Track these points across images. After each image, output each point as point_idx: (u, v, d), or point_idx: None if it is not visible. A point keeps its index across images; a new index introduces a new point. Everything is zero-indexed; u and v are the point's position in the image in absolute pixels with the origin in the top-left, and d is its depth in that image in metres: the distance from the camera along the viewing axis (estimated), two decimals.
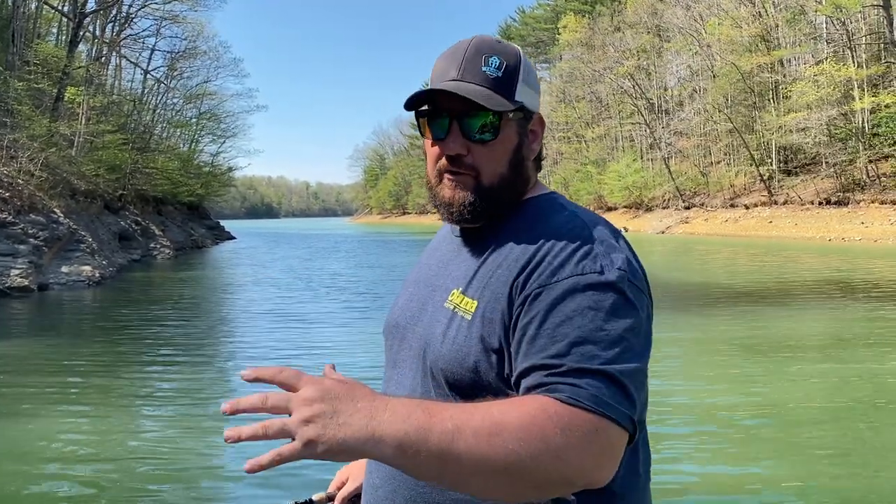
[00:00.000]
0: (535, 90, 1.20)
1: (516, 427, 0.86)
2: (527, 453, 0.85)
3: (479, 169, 1.14)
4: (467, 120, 1.12)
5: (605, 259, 1.03)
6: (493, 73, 1.13)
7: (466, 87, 1.11)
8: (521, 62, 1.16)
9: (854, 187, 39.80)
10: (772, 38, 49.68)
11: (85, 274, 18.67)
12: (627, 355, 0.95)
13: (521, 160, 1.17)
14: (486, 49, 1.15)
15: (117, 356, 9.22)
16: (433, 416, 0.86)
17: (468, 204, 1.14)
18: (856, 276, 17.92)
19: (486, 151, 1.14)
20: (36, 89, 29.42)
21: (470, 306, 1.09)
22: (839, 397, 6.59)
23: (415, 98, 1.15)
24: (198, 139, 64.97)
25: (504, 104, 1.12)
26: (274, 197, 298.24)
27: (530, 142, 1.19)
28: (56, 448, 5.45)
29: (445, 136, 1.14)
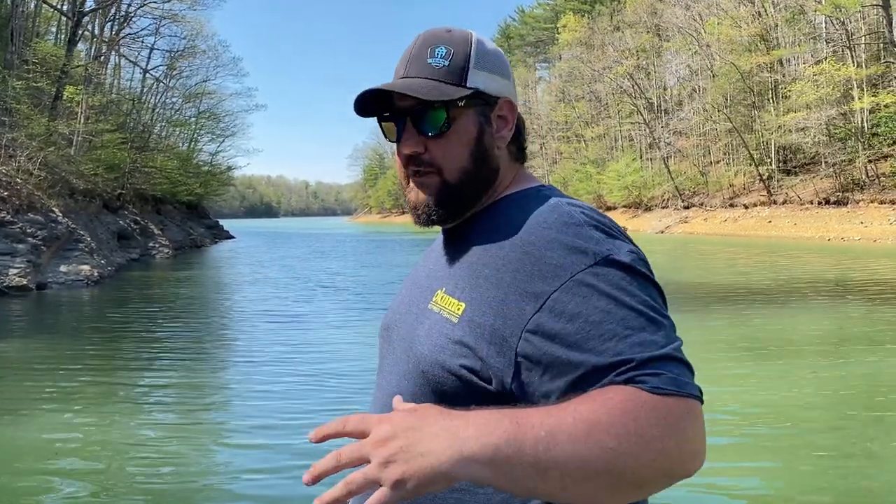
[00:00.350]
0: (499, 73, 1.13)
1: (609, 423, 0.81)
2: (627, 450, 0.80)
3: (438, 165, 1.09)
4: (417, 116, 1.08)
5: (609, 243, 0.97)
6: (438, 64, 1.08)
7: (406, 82, 1.07)
8: (473, 46, 1.11)
9: (853, 187, 39.80)
10: (771, 37, 49.70)
11: (83, 273, 18.64)
12: (672, 332, 0.93)
13: (484, 150, 1.11)
14: (433, 40, 1.10)
15: (115, 356, 9.21)
16: (521, 424, 0.81)
17: (431, 205, 1.10)
18: (855, 275, 17.91)
19: (442, 145, 1.08)
20: (35, 88, 29.39)
21: (456, 308, 1.03)
22: (839, 397, 6.57)
23: (362, 101, 1.11)
24: (197, 138, 64.97)
25: (451, 92, 1.06)
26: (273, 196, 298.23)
27: (497, 129, 1.13)
28: (54, 448, 5.43)
29: (401, 137, 1.10)
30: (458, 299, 1.03)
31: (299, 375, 7.75)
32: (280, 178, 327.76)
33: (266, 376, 7.87)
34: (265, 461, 5.13)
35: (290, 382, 7.48)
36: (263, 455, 5.25)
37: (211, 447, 5.54)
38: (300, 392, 7.04)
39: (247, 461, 5.16)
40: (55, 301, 15.46)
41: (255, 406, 6.65)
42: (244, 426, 6.04)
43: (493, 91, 1.11)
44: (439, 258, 1.17)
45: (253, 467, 5.01)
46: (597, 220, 1.01)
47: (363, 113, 1.13)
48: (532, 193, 1.11)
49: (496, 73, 1.12)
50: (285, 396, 6.88)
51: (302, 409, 6.41)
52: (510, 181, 1.15)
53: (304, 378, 7.63)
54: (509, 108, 1.14)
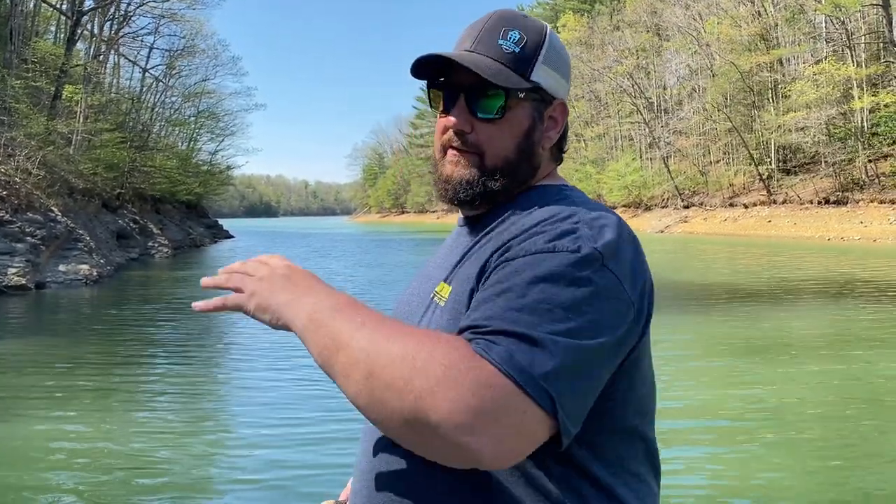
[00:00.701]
0: (561, 73, 1.12)
1: (412, 342, 0.84)
2: (402, 368, 0.81)
3: (482, 148, 1.07)
4: (474, 95, 1.06)
5: (587, 241, 0.92)
6: (509, 48, 1.06)
7: (474, 58, 1.05)
8: (546, 40, 1.09)
9: (853, 187, 39.79)
10: (771, 37, 49.69)
11: (82, 273, 18.61)
12: (572, 330, 0.85)
13: (531, 145, 1.09)
14: (509, 22, 1.08)
15: (114, 356, 9.18)
16: (354, 307, 0.91)
17: (465, 182, 1.07)
18: (855, 275, 17.89)
19: (491, 130, 1.07)
20: (34, 87, 29.34)
21: (445, 292, 1.04)
22: (839, 397, 6.56)
23: (421, 63, 1.08)
24: (196, 138, 64.94)
25: (515, 81, 1.05)
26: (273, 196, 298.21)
27: (547, 128, 1.11)
28: (52, 448, 5.41)
29: (451, 110, 1.08)
30: (449, 283, 1.05)
31: (298, 376, 7.72)
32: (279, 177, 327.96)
33: (265, 375, 7.84)
34: (263, 459, 5.11)
35: (290, 382, 7.45)
36: (262, 453, 5.23)
37: (209, 447, 5.51)
38: (299, 392, 7.01)
39: (245, 460, 5.13)
40: (54, 301, 15.43)
41: (254, 406, 6.63)
42: (243, 425, 6.02)
43: (552, 90, 1.10)
44: (452, 248, 1.16)
45: (251, 466, 4.98)
46: (597, 220, 0.97)
47: (419, 75, 1.10)
48: (553, 190, 1.10)
49: (559, 73, 1.11)
50: (284, 396, 6.86)
51: (301, 410, 6.38)
52: (542, 178, 1.14)
53: (303, 378, 7.60)
54: (562, 110, 1.13)
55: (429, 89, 1.12)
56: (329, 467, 4.92)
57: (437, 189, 1.12)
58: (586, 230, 0.94)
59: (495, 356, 0.81)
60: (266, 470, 4.92)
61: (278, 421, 6.06)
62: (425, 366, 0.80)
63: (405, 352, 0.82)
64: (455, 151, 1.09)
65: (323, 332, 0.89)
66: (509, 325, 0.84)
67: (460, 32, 1.13)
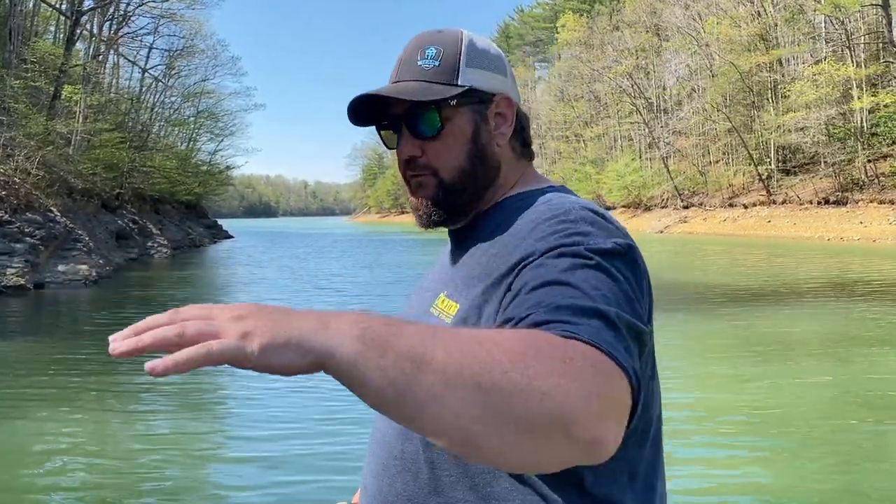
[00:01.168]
0: (494, 70, 1.11)
1: (506, 340, 0.70)
2: (519, 369, 0.66)
3: (434, 167, 1.08)
4: (410, 120, 1.07)
5: (600, 236, 0.91)
6: (429, 65, 1.07)
7: (396, 86, 1.06)
8: (463, 44, 1.09)
9: (853, 187, 39.79)
10: (770, 37, 49.67)
11: (81, 273, 18.58)
12: (625, 309, 0.82)
13: (481, 148, 1.09)
14: (424, 42, 1.09)
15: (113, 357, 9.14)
16: (398, 320, 0.69)
17: (430, 206, 1.09)
18: (855, 276, 17.88)
19: (437, 147, 1.07)
20: (33, 87, 29.32)
21: (451, 309, 1.02)
22: (840, 399, 6.54)
23: (354, 113, 1.10)
24: (195, 138, 64.91)
25: (441, 92, 1.05)
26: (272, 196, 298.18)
27: (496, 126, 1.10)
28: (49, 449, 5.40)
29: (399, 142, 1.09)
30: (454, 300, 1.03)
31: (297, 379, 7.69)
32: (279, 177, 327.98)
33: (264, 378, 7.81)
34: (265, 463, 5.08)
35: (288, 386, 7.42)
36: (263, 455, 5.20)
37: (208, 450, 5.49)
38: (297, 396, 6.99)
39: (246, 463, 5.11)
40: (53, 301, 15.41)
41: (256, 408, 6.61)
42: (244, 428, 6.00)
43: (488, 88, 1.09)
44: (446, 261, 1.16)
45: (252, 470, 4.96)
46: (593, 216, 0.97)
47: (359, 122, 1.11)
48: (536, 194, 1.08)
49: (491, 70, 1.10)
50: (282, 400, 6.84)
51: (299, 414, 6.36)
52: (516, 180, 1.13)
53: (302, 383, 7.57)
54: (507, 104, 1.11)
55: (378, 132, 1.13)
56: (335, 472, 4.90)
57: (415, 219, 1.13)
58: (590, 227, 0.93)
59: (587, 336, 0.74)
60: (268, 475, 4.89)
61: (281, 423, 6.04)
62: (540, 360, 0.68)
63: (510, 349, 0.68)
64: (414, 181, 1.10)
65: (392, 353, 0.65)
66: (578, 301, 0.79)
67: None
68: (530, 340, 0.71)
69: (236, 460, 5.20)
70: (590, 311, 0.78)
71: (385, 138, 1.13)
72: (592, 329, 0.76)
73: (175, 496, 4.53)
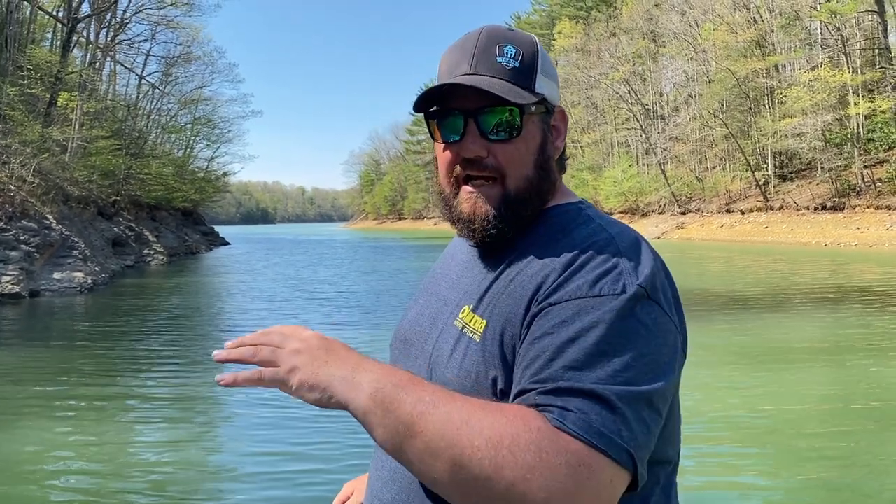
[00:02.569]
0: (555, 81, 1.10)
1: (489, 425, 0.79)
2: (490, 457, 0.77)
3: (503, 171, 1.02)
4: (484, 117, 1.00)
5: (629, 277, 0.91)
6: (509, 64, 1.02)
7: (483, 80, 1.00)
8: (539, 51, 1.06)
9: (849, 192, 39.85)
10: (767, 43, 49.82)
11: (77, 280, 18.51)
12: (632, 378, 0.83)
13: (547, 159, 1.05)
14: (500, 38, 1.04)
15: (109, 364, 9.08)
16: (416, 383, 0.84)
17: (492, 218, 1.01)
18: (852, 282, 17.86)
19: (508, 151, 1.01)
20: (29, 94, 29.27)
21: (479, 326, 0.98)
22: (838, 405, 6.51)
23: (425, 96, 1.03)
24: (192, 144, 64.90)
25: (525, 97, 1.01)
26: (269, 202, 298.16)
27: (554, 138, 1.08)
28: (46, 457, 5.34)
29: (461, 138, 1.02)
30: (482, 316, 0.98)
31: None
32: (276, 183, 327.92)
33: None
34: (259, 470, 5.03)
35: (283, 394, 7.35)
36: (261, 460, 5.15)
37: (204, 457, 5.43)
38: (294, 403, 6.92)
39: (240, 472, 5.05)
40: (48, 309, 15.32)
41: (253, 415, 6.54)
42: (241, 435, 5.94)
43: (553, 99, 1.08)
44: (467, 269, 1.09)
45: (246, 477, 4.90)
46: (628, 250, 0.96)
47: (421, 108, 1.05)
48: (573, 211, 1.06)
49: (553, 81, 1.09)
50: (279, 407, 6.77)
51: (296, 420, 6.30)
52: (555, 192, 1.10)
53: None
54: (562, 117, 1.10)
55: (428, 120, 1.06)
56: (334, 474, 4.83)
57: (460, 228, 1.05)
58: (626, 263, 0.93)
59: (573, 427, 0.79)
60: (266, 481, 4.84)
61: (279, 430, 5.97)
62: (513, 452, 0.77)
63: (490, 436, 0.78)
64: (471, 187, 1.03)
65: (392, 416, 0.82)
66: (575, 383, 0.82)
67: (443, 55, 1.07)
68: (515, 427, 0.78)
69: (231, 466, 5.14)
70: (587, 393, 0.81)
71: (432, 128, 1.06)
72: (582, 418, 0.79)
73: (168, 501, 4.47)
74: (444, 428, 0.79)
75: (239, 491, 4.71)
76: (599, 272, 0.91)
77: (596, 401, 0.80)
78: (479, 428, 0.79)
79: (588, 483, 0.77)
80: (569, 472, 0.76)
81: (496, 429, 0.78)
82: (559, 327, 0.87)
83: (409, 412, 0.81)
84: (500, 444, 0.77)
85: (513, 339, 0.94)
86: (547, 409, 0.81)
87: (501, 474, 0.76)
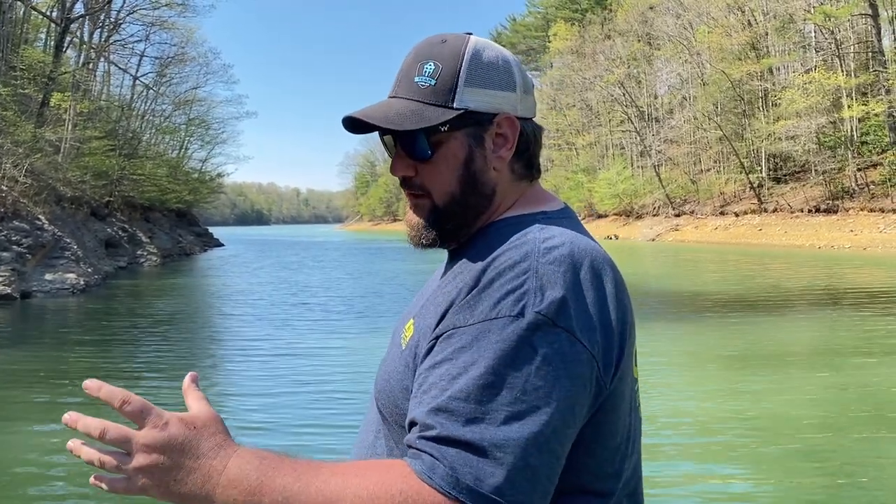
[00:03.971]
0: (498, 87, 1.02)
1: (359, 488, 0.80)
2: None
3: (427, 189, 1.03)
4: (406, 140, 1.01)
5: (533, 297, 0.86)
6: (424, 83, 1.00)
7: (384, 109, 1.00)
8: (464, 60, 1.00)
9: (843, 195, 39.99)
10: (761, 46, 49.99)
11: (69, 281, 18.41)
12: (519, 414, 0.80)
13: (472, 174, 1.02)
14: (423, 55, 1.02)
15: (100, 366, 9.01)
16: (266, 483, 0.83)
17: (422, 227, 1.05)
18: (846, 284, 17.89)
19: (430, 169, 1.02)
20: (22, 94, 29.14)
21: (408, 335, 1.01)
22: (831, 409, 6.50)
23: (350, 126, 1.04)
24: (186, 145, 64.73)
25: (433, 117, 0.98)
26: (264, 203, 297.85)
27: (495, 148, 1.03)
28: (38, 460, 5.29)
29: (392, 159, 1.05)
30: (414, 327, 1.01)
31: (286, 390, 7.60)
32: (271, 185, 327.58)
33: (252, 388, 7.71)
34: None
35: (277, 395, 7.32)
36: None
37: None
38: (287, 406, 6.89)
39: None
40: (40, 310, 15.23)
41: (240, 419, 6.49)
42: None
43: (489, 108, 1.01)
44: (432, 282, 1.13)
45: None
46: (550, 268, 0.88)
47: (356, 130, 1.05)
48: (523, 223, 0.99)
49: (494, 88, 1.02)
50: (275, 406, 6.73)
51: (289, 423, 6.26)
52: (514, 201, 1.06)
53: (291, 392, 7.47)
54: (509, 124, 1.03)
55: (381, 137, 1.07)
56: None
57: (407, 235, 1.09)
58: (533, 282, 0.87)
59: (440, 481, 0.79)
60: None
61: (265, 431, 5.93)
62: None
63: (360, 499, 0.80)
64: (412, 198, 1.06)
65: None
66: (451, 432, 0.80)
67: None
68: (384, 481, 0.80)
69: None
70: (463, 443, 0.79)
71: (387, 144, 1.07)
72: (451, 473, 0.78)
73: None
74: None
75: None
76: (504, 291, 0.87)
77: (472, 451, 0.79)
78: (352, 494, 0.80)
79: None
80: None
81: (367, 489, 0.80)
82: (454, 354, 0.86)
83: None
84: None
85: (422, 353, 0.94)
86: (420, 459, 0.81)
87: None
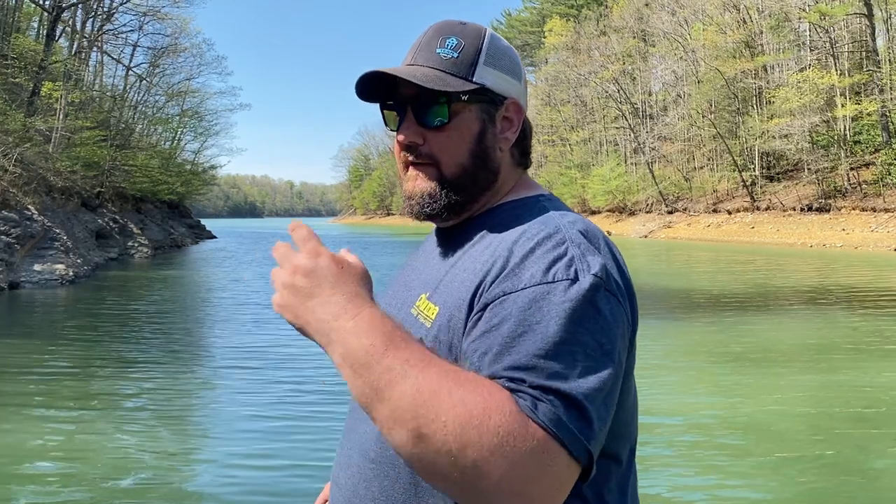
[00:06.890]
0: (510, 73, 1.10)
1: (459, 402, 0.79)
2: (455, 434, 0.78)
3: (436, 158, 1.06)
4: (420, 106, 1.05)
5: (581, 263, 0.91)
6: (447, 55, 1.05)
7: (410, 69, 1.05)
8: (485, 41, 1.08)
9: (835, 194, 40.12)
10: (756, 44, 50.03)
11: (58, 272, 18.27)
12: (592, 368, 0.85)
13: (484, 149, 1.07)
14: (446, 31, 1.08)
15: (90, 357, 8.94)
16: (390, 348, 0.83)
17: (427, 196, 1.07)
18: (837, 283, 17.93)
19: (441, 138, 1.06)
20: (12, 83, 28.89)
21: (431, 312, 1.02)
22: (821, 408, 6.48)
23: (363, 83, 1.07)
24: (180, 137, 64.39)
25: (455, 84, 1.03)
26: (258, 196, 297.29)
27: (501, 130, 1.09)
28: (28, 453, 5.24)
29: (400, 125, 1.08)
30: (435, 303, 1.02)
31: (278, 378, 7.56)
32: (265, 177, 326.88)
33: (244, 378, 7.67)
34: (244, 462, 4.97)
35: (269, 384, 7.28)
36: (243, 456, 5.05)
37: (188, 450, 5.37)
38: (279, 394, 6.85)
39: (225, 463, 4.98)
40: (28, 301, 15.11)
41: (234, 408, 6.45)
42: (222, 429, 5.85)
43: (501, 90, 1.09)
44: (429, 259, 1.15)
45: (232, 470, 4.81)
46: (578, 236, 0.97)
47: (365, 97, 1.10)
48: (531, 203, 1.08)
49: (506, 73, 1.10)
50: (264, 399, 6.68)
51: (281, 412, 6.21)
52: (511, 187, 1.13)
53: (283, 381, 7.43)
54: (516, 109, 1.11)
55: (382, 111, 1.11)
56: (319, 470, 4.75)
57: (404, 206, 1.11)
58: (576, 250, 0.93)
59: (544, 418, 0.80)
60: (252, 476, 4.75)
61: (259, 420, 5.88)
62: (480, 432, 0.78)
63: (459, 413, 0.78)
64: (413, 169, 1.08)
65: (360, 380, 0.83)
66: (546, 381, 0.83)
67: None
68: (486, 406, 0.79)
69: (215, 460, 5.06)
70: (554, 391, 0.82)
71: (388, 118, 1.11)
72: (553, 411, 0.81)
73: (152, 500, 4.37)
74: (411, 399, 0.79)
75: (224, 485, 4.65)
76: (551, 258, 0.92)
77: (563, 398, 0.82)
78: (449, 403, 0.79)
79: (548, 470, 0.79)
80: (530, 458, 0.78)
81: (466, 405, 0.79)
82: (515, 315, 0.88)
83: (375, 380, 0.82)
84: (467, 423, 0.78)
85: (459, 326, 0.95)
86: (520, 396, 0.82)
87: (464, 452, 0.77)
